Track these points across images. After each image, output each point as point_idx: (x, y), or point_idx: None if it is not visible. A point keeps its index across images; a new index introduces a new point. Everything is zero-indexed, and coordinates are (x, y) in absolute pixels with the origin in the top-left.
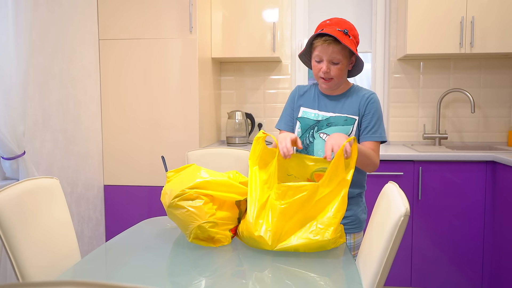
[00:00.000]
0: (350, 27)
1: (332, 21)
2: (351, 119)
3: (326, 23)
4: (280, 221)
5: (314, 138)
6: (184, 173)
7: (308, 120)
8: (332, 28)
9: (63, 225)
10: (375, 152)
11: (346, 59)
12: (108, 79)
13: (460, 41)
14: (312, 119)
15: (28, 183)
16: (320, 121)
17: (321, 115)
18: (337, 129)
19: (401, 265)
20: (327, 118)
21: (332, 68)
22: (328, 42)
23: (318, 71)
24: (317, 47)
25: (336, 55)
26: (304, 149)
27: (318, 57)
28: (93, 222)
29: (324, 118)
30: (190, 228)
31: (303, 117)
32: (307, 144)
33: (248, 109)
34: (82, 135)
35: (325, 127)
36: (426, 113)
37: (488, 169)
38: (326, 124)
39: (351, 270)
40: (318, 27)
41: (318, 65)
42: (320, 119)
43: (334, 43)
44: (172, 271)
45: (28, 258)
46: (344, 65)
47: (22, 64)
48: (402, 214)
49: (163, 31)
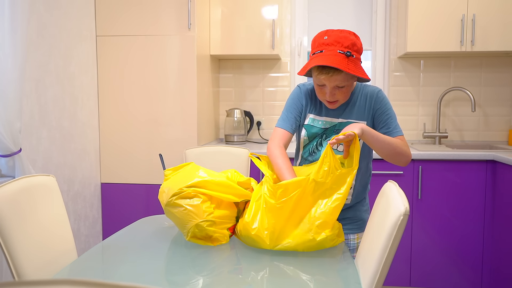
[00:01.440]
0: (352, 43)
1: (331, 37)
2: None
3: (324, 42)
4: (276, 220)
5: (322, 146)
6: (182, 172)
7: (315, 129)
8: (333, 50)
9: (60, 223)
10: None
11: (352, 79)
12: (106, 76)
13: (461, 39)
14: (319, 127)
15: (24, 181)
16: (327, 128)
17: (328, 122)
18: None
19: (400, 265)
20: (334, 125)
21: (337, 92)
22: (330, 75)
23: (323, 95)
24: (319, 77)
25: (340, 82)
26: (310, 156)
27: (321, 83)
28: (90, 220)
29: (331, 125)
30: (187, 226)
31: (310, 125)
32: (314, 152)
33: (247, 107)
34: (79, 132)
35: (333, 134)
36: (426, 112)
37: (488, 168)
38: (334, 131)
39: (349, 269)
40: (315, 44)
41: (322, 89)
42: (328, 127)
43: (337, 72)
44: (170, 270)
45: (24, 256)
46: (350, 85)
47: (18, 60)
48: (402, 214)
49: (161, 27)
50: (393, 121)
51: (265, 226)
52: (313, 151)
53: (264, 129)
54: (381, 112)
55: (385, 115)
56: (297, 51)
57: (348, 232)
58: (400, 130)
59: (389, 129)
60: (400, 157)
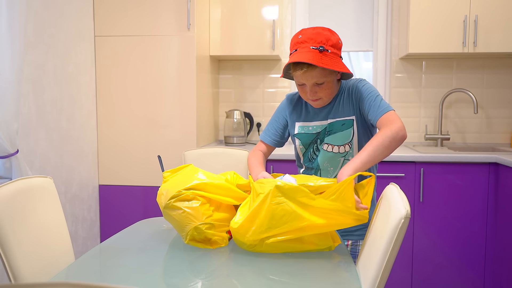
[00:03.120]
0: (326, 38)
1: (305, 35)
2: (348, 121)
3: (298, 40)
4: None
5: (319, 151)
6: (181, 174)
7: (307, 136)
8: (306, 48)
9: (57, 225)
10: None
11: (331, 75)
12: (104, 76)
13: (463, 40)
14: (311, 133)
15: (21, 183)
16: (319, 132)
17: (318, 126)
18: (338, 135)
19: (402, 269)
20: (325, 127)
21: (318, 89)
22: (304, 71)
23: (305, 94)
24: (295, 75)
25: (318, 78)
26: (310, 163)
27: (300, 82)
28: (87, 222)
29: (322, 128)
30: (186, 229)
31: (301, 133)
32: (313, 158)
33: (246, 108)
34: (77, 134)
35: (326, 136)
36: (428, 114)
37: (491, 171)
38: (325, 133)
39: (350, 273)
40: (291, 45)
41: (303, 88)
42: (320, 131)
43: (311, 68)
44: (168, 273)
45: (21, 259)
46: (330, 81)
47: (15, 61)
48: (403, 216)
49: (160, 28)
50: (376, 101)
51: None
52: (311, 157)
53: None
54: (362, 100)
55: (367, 100)
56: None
57: (358, 238)
58: (385, 107)
59: (375, 112)
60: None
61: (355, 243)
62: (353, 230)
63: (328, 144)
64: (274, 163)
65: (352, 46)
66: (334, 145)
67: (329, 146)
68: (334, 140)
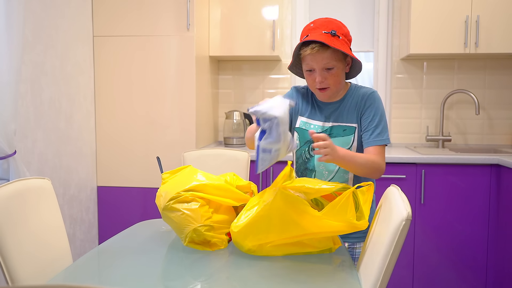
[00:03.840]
0: (338, 26)
1: (317, 23)
2: (350, 128)
3: (310, 27)
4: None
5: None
6: (180, 175)
7: (306, 132)
8: (318, 32)
9: (55, 227)
10: (379, 155)
11: (341, 62)
12: (103, 77)
13: (464, 41)
14: None
15: (18, 184)
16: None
17: (320, 126)
18: (337, 140)
19: (403, 271)
20: (326, 130)
21: (327, 75)
22: (316, 50)
23: (313, 82)
24: (305, 57)
25: (328, 61)
26: (304, 163)
27: (309, 66)
28: (85, 224)
29: (323, 129)
30: (185, 231)
31: (301, 128)
32: (306, 158)
33: (246, 109)
34: (75, 135)
35: None
36: (429, 115)
37: (492, 173)
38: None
39: (351, 276)
40: (302, 33)
41: (311, 75)
42: (320, 131)
43: (323, 48)
44: (167, 275)
45: (18, 261)
46: (339, 69)
47: (13, 61)
48: (404, 219)
49: (159, 28)
50: (380, 126)
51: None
52: (305, 157)
53: None
54: (366, 117)
55: (369, 120)
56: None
57: (355, 241)
58: (381, 139)
59: (369, 139)
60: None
61: (351, 245)
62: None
63: None
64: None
65: (353, 46)
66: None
67: None
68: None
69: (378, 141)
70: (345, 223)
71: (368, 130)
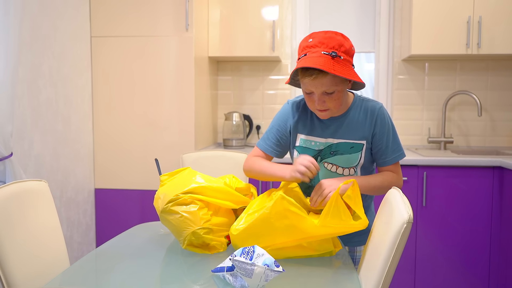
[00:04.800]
0: (339, 44)
1: (316, 39)
2: (358, 145)
3: (308, 44)
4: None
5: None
6: (179, 177)
7: (309, 151)
8: (317, 52)
9: (52, 230)
10: (396, 173)
11: (342, 84)
12: (100, 78)
13: (466, 41)
14: (313, 149)
15: (15, 186)
16: (322, 150)
17: (322, 143)
18: (344, 158)
19: (404, 275)
20: (330, 146)
21: (327, 99)
22: (314, 77)
23: (312, 103)
24: (303, 82)
25: (328, 86)
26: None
27: (308, 90)
28: (83, 227)
29: (326, 145)
30: (184, 234)
31: (302, 147)
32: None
33: (246, 110)
34: (73, 136)
35: (329, 156)
36: (431, 116)
37: (495, 175)
38: (330, 152)
39: (351, 279)
40: (300, 48)
41: (310, 96)
42: (322, 148)
43: (322, 74)
44: (165, 279)
45: (15, 264)
46: (340, 91)
47: (10, 61)
48: (405, 221)
49: (158, 28)
50: (392, 146)
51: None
52: None
53: (264, 132)
54: (380, 137)
55: (384, 141)
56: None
57: (355, 245)
58: (397, 155)
59: (386, 159)
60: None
61: (352, 249)
62: (351, 237)
63: (332, 164)
64: None
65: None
66: (339, 166)
67: (334, 166)
68: (339, 161)
69: (394, 159)
70: (343, 225)
71: (383, 150)
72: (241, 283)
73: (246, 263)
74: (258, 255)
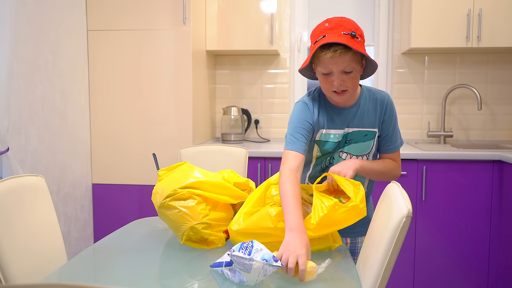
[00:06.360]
0: (355, 27)
1: (332, 23)
2: (371, 133)
3: (326, 28)
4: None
5: (334, 159)
6: (177, 172)
7: (329, 144)
8: (337, 33)
9: (49, 225)
10: (396, 161)
11: (359, 64)
12: (97, 72)
13: (466, 34)
14: (332, 141)
15: (11, 181)
16: (339, 141)
17: (340, 134)
18: (358, 146)
19: (404, 269)
20: (346, 135)
21: (346, 78)
22: (338, 52)
23: (329, 85)
24: (324, 60)
25: (348, 63)
26: (323, 171)
27: (328, 69)
28: (80, 222)
29: (342, 136)
30: (182, 229)
31: (322, 141)
32: (326, 166)
33: (244, 104)
34: (69, 131)
35: (344, 145)
36: (431, 110)
37: (495, 169)
38: (345, 141)
39: (351, 274)
40: (316, 33)
41: (328, 78)
42: (340, 140)
43: (345, 51)
44: (163, 274)
45: (12, 260)
46: (357, 72)
47: (5, 56)
48: (404, 215)
49: (155, 22)
50: (395, 135)
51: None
52: (325, 165)
53: (262, 127)
54: (387, 125)
55: (391, 129)
56: (297, 47)
57: (356, 235)
58: (399, 143)
59: (390, 146)
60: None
61: (354, 240)
62: (351, 228)
63: (347, 153)
64: (272, 161)
65: None
66: (353, 154)
67: (348, 155)
68: (353, 150)
69: (396, 147)
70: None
71: (388, 138)
72: (240, 278)
73: (244, 258)
74: (256, 250)
